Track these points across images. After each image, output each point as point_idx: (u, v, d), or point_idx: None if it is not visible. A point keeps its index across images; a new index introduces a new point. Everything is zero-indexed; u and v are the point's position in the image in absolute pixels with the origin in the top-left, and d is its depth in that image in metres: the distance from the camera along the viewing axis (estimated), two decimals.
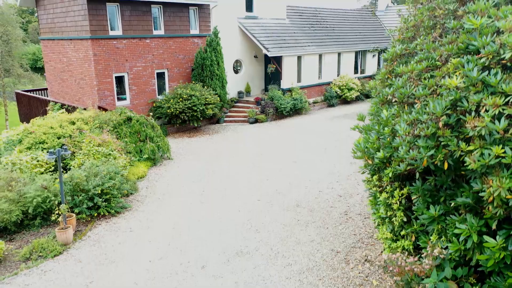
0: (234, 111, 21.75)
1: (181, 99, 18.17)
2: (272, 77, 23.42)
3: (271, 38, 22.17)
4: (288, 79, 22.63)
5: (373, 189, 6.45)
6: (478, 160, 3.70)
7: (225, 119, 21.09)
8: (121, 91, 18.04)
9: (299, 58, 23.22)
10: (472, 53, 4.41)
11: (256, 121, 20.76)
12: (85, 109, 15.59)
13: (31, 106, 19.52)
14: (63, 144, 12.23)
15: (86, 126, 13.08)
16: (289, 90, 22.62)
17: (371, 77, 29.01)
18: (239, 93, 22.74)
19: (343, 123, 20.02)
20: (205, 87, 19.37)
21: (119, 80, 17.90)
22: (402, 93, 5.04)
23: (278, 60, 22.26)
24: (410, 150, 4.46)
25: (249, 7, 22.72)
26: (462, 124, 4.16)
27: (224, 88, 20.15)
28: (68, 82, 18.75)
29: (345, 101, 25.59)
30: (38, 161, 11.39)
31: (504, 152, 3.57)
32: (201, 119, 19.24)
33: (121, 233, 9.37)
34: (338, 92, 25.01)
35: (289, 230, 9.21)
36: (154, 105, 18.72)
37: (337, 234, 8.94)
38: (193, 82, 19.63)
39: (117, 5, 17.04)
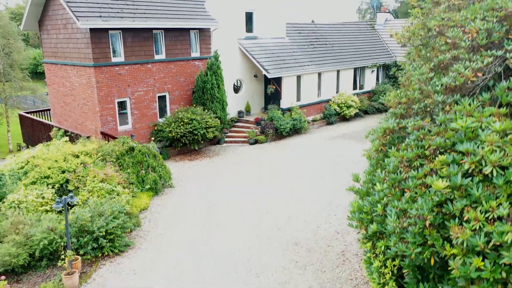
0: (234, 131, 22.05)
1: (182, 123, 18.47)
2: (272, 95, 23.72)
3: (271, 58, 22.47)
4: (287, 99, 22.93)
5: (367, 255, 6.75)
6: (461, 269, 4.00)
7: (226, 139, 21.39)
8: (123, 115, 18.34)
9: (298, 77, 23.53)
10: (458, 151, 4.71)
11: (256, 141, 21.06)
12: (88, 137, 15.89)
13: (34, 129, 19.83)
14: (68, 180, 12.53)
15: (89, 159, 13.38)
16: (289, 109, 22.92)
17: (370, 93, 29.34)
18: (239, 112, 23.04)
19: (341, 145, 20.32)
20: (206, 110, 19.68)
21: (121, 105, 18.21)
22: (393, 179, 5.34)
23: (277, 80, 22.56)
24: (400, 243, 4.76)
25: (249, 28, 23.02)
26: (447, 225, 4.47)
27: (225, 110, 20.45)
28: (71, 106, 19.05)
29: (344, 118, 25.89)
30: (43, 198, 11.69)
31: (484, 266, 3.88)
32: (202, 142, 19.54)
33: (124, 276, 9.67)
34: (337, 110, 25.31)
35: (288, 274, 9.52)
36: (155, 128, 19.03)
37: (334, 279, 9.24)
38: (194, 105, 19.94)
39: (120, 32, 17.34)
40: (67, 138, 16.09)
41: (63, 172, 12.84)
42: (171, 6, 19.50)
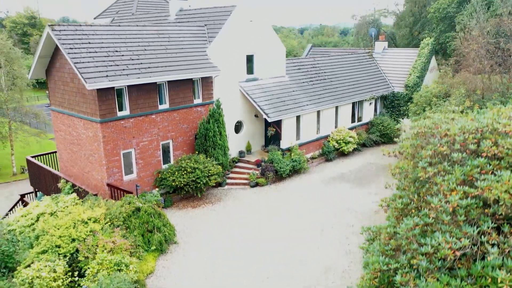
0: (235, 171, 22.66)
1: (185, 171, 19.09)
2: (272, 135, 24.31)
3: (271, 100, 23.08)
4: (287, 139, 23.55)
5: None
6: None
7: (228, 181, 21.99)
8: (128, 165, 18.94)
9: (298, 118, 24.14)
10: None
11: (256, 184, 21.67)
12: (95, 195, 16.51)
13: (42, 175, 20.43)
14: (78, 249, 13.15)
15: (97, 226, 13.99)
16: (289, 149, 23.54)
17: (367, 124, 29.96)
18: (240, 152, 23.65)
19: (341, 191, 20.89)
20: (208, 156, 20.30)
21: (126, 155, 18.81)
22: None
23: (278, 122, 23.15)
24: None
25: (249, 69, 23.62)
26: None
27: (226, 155, 21.06)
28: (78, 154, 19.65)
29: (343, 154, 26.50)
30: (55, 271, 12.30)
31: None
32: (205, 188, 20.12)
33: None
34: (335, 146, 25.93)
35: None
36: (159, 176, 19.63)
37: None
38: (197, 152, 20.55)
39: (125, 87, 17.93)
40: (75, 195, 16.69)
41: (73, 240, 13.44)
42: (175, 57, 20.11)
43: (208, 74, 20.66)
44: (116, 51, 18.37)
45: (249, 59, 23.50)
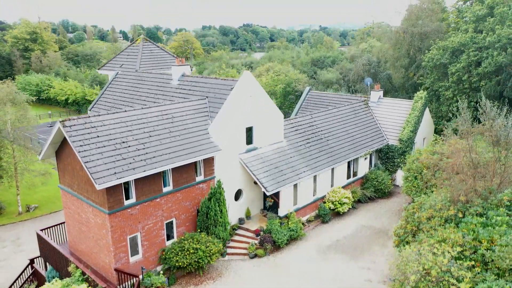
0: (235, 240, 23.76)
1: (188, 252, 20.21)
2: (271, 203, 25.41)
3: (269, 172, 24.16)
4: (285, 207, 24.67)
5: None
6: None
7: (228, 250, 23.09)
8: (134, 247, 20.02)
9: (295, 185, 25.23)
10: None
11: (255, 255, 22.78)
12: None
13: (51, 253, 21.49)
14: None
15: None
16: (286, 216, 24.66)
17: (362, 178, 31.07)
18: (240, 220, 24.76)
19: (336, 266, 21.96)
20: (209, 234, 21.42)
21: (132, 238, 19.90)
22: None
23: (276, 192, 24.23)
24: None
25: (249, 140, 24.68)
26: None
27: (227, 230, 22.18)
28: (86, 234, 20.73)
29: (338, 214, 27.61)
30: None
31: None
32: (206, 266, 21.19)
33: None
34: (331, 207, 27.05)
35: None
36: (163, 255, 20.73)
37: None
38: (199, 230, 21.67)
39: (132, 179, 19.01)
40: (85, 287, 17.78)
41: None
42: (178, 140, 21.17)
43: (210, 155, 21.76)
44: (123, 142, 19.45)
45: (249, 129, 24.56)
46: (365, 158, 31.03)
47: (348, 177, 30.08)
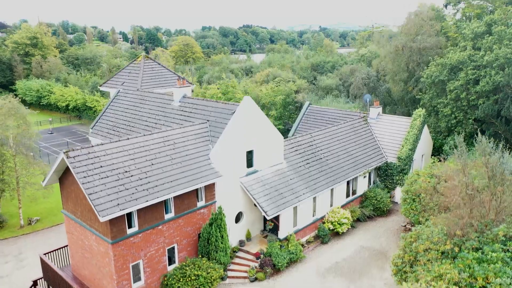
0: (236, 263, 24.09)
1: (189, 278, 20.56)
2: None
3: (270, 195, 24.49)
4: (285, 230, 25.02)
5: None
6: None
7: (228, 273, 23.42)
8: (136, 273, 20.36)
9: (295, 208, 25.57)
10: None
11: (256, 279, 23.12)
12: None
13: (54, 279, 21.81)
14: None
15: None
16: (286, 238, 25.00)
17: (362, 196, 31.43)
18: (241, 242, 25.10)
19: None
20: (210, 259, 21.76)
21: (135, 266, 20.23)
22: None
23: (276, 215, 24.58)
24: None
25: (249, 163, 25.00)
26: None
27: (227, 254, 22.53)
28: (89, 261, 21.06)
29: (337, 234, 27.95)
30: None
31: None
32: None
33: None
34: (330, 228, 27.40)
35: None
36: (165, 281, 21.07)
37: None
38: (200, 255, 22.02)
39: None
40: None
41: None
42: (180, 167, 21.50)
43: (212, 181, 22.09)
44: (126, 171, 19.78)
45: (249, 153, 24.88)
46: (364, 177, 31.37)
47: (348, 195, 30.43)
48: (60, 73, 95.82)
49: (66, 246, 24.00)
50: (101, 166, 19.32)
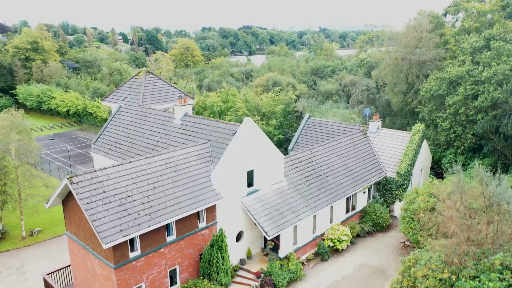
0: (237, 282, 24.35)
1: None
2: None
3: (270, 214, 24.76)
4: (285, 249, 25.30)
5: None
6: None
7: None
8: None
9: (295, 227, 25.85)
10: None
11: None
12: None
13: None
14: None
15: None
16: (287, 257, 25.29)
17: (361, 212, 31.71)
18: (241, 260, 25.38)
19: None
20: (212, 280, 22.06)
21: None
22: None
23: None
24: None
25: (250, 183, 25.26)
26: None
27: (228, 275, 22.80)
28: (92, 283, 21.33)
29: (337, 250, 28.24)
30: None
31: None
32: None
33: None
34: (330, 245, 27.68)
35: None
36: None
37: None
38: (201, 277, 22.30)
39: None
40: None
41: None
42: (182, 190, 21.76)
43: (213, 203, 22.37)
44: (128, 196, 20.05)
45: (250, 172, 25.14)
46: (364, 192, 31.64)
47: (347, 211, 30.70)
48: (61, 78, 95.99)
49: (69, 266, 24.26)
50: (104, 192, 19.59)
